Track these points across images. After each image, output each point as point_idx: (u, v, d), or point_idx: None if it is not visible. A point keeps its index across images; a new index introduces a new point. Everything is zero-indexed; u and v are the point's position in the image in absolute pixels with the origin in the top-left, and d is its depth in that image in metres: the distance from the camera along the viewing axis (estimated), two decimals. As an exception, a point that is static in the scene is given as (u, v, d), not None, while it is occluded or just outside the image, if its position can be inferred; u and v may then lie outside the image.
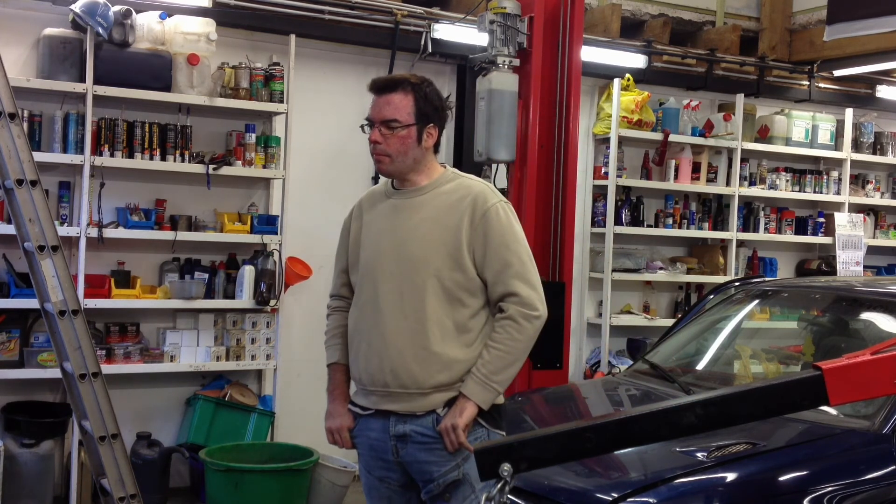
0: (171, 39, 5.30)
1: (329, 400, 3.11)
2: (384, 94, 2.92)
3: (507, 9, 5.50)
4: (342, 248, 3.10)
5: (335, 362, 3.12)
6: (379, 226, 2.96)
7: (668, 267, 7.10)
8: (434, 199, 2.93)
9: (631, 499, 3.05)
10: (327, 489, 5.40)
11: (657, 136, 6.87)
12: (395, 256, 2.89)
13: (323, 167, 6.14)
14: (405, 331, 2.85)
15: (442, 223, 2.88)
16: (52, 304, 3.72)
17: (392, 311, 2.86)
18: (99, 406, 3.80)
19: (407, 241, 2.89)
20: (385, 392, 2.89)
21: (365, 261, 2.96)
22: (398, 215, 2.94)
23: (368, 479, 3.02)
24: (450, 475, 2.86)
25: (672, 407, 2.01)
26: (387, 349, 2.86)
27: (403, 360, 2.84)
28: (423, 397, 2.86)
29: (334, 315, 3.15)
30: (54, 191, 5.23)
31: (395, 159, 2.92)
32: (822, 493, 3.10)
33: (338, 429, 3.03)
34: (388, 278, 2.89)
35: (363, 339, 2.93)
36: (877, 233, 8.13)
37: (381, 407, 2.92)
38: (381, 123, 2.91)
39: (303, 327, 6.06)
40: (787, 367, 4.66)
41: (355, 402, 3.03)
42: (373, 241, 2.96)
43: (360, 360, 2.95)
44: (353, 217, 3.08)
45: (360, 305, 2.96)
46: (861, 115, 7.93)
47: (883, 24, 5.06)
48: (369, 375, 2.91)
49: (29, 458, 5.02)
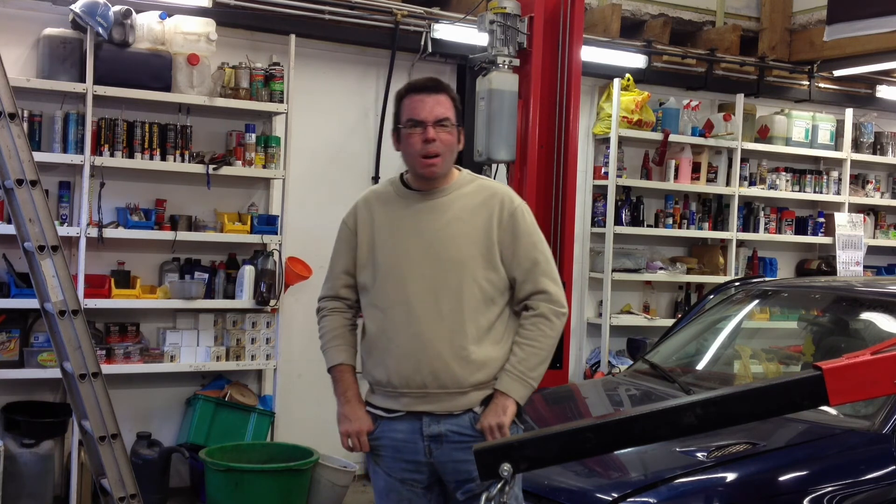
0: (171, 39, 5.30)
1: (341, 402, 3.02)
2: (434, 94, 2.90)
3: (507, 9, 5.50)
4: (345, 250, 3.05)
5: (341, 363, 3.05)
6: (400, 227, 2.94)
7: (668, 267, 7.10)
8: (458, 200, 2.94)
9: (631, 499, 3.06)
10: (327, 489, 5.40)
11: (657, 136, 6.87)
12: (425, 257, 2.88)
13: (323, 167, 6.14)
14: (442, 331, 2.84)
15: (471, 223, 2.90)
16: (52, 304, 3.73)
17: (427, 312, 2.85)
18: (99, 406, 3.80)
19: (438, 242, 2.89)
20: (422, 393, 2.86)
21: (386, 262, 2.92)
22: (424, 216, 2.93)
23: (388, 482, 2.96)
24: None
25: (672, 407, 2.01)
26: (424, 350, 2.84)
27: (443, 361, 2.84)
28: (462, 396, 2.87)
29: (332, 316, 3.10)
30: (54, 191, 5.23)
31: (446, 159, 2.92)
32: (822, 493, 3.10)
33: (357, 432, 2.96)
34: (418, 279, 2.87)
35: (391, 341, 2.89)
36: (877, 233, 8.13)
37: (414, 408, 2.88)
38: (436, 123, 2.88)
39: (303, 327, 6.05)
40: (787, 367, 4.66)
41: (376, 404, 2.97)
42: (394, 242, 2.93)
43: (388, 362, 2.90)
44: (360, 218, 3.02)
45: (383, 307, 2.92)
46: (861, 115, 7.93)
47: (883, 24, 5.06)
48: (403, 378, 2.87)
49: (29, 458, 5.02)
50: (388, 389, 2.91)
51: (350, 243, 3.02)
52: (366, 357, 2.99)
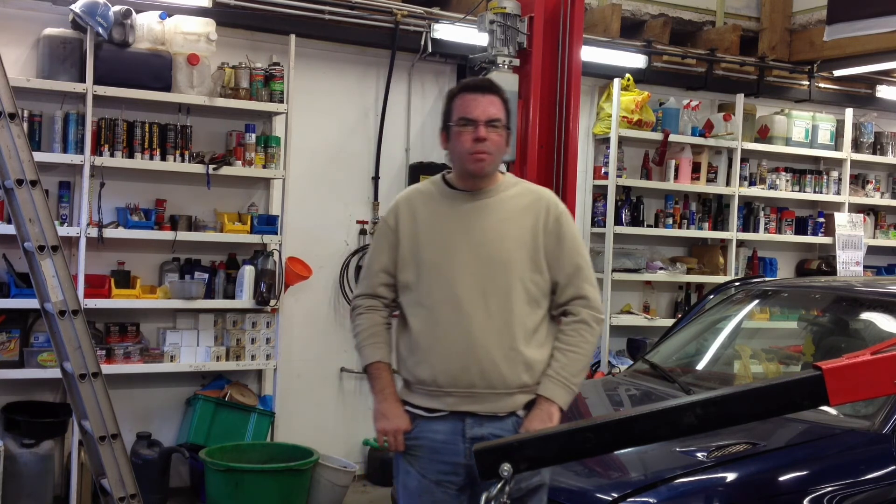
0: (171, 39, 5.30)
1: (379, 400, 2.97)
2: (487, 95, 2.91)
3: (507, 9, 5.51)
4: (384, 248, 3.00)
5: (379, 360, 3.00)
6: (447, 226, 2.93)
7: (668, 267, 7.10)
8: (505, 202, 2.95)
9: (631, 499, 3.06)
10: (327, 489, 5.40)
11: (657, 136, 6.87)
12: (473, 257, 2.88)
13: (323, 167, 6.14)
14: (491, 331, 2.84)
15: (519, 225, 2.91)
16: (52, 304, 3.72)
17: (476, 311, 2.84)
18: (99, 406, 3.80)
19: (486, 242, 2.89)
20: (469, 393, 2.85)
21: (432, 260, 2.91)
22: (471, 216, 2.93)
23: (422, 483, 2.91)
24: (533, 479, 2.87)
25: (672, 407, 2.01)
26: (474, 349, 2.83)
27: (492, 361, 2.83)
28: (508, 398, 2.86)
29: (369, 314, 3.03)
30: (54, 191, 5.23)
31: (495, 158, 2.92)
32: (822, 493, 3.10)
33: (394, 431, 2.92)
34: (468, 279, 2.86)
35: (438, 339, 2.87)
36: (877, 233, 8.13)
37: (459, 408, 2.86)
38: (487, 122, 2.88)
39: (303, 327, 6.06)
40: (787, 367, 4.66)
41: (415, 403, 2.93)
42: (441, 240, 2.92)
43: (434, 360, 2.87)
44: (401, 216, 2.99)
45: (429, 305, 2.89)
46: (861, 115, 7.93)
47: (883, 24, 5.06)
48: (450, 377, 2.85)
49: (29, 458, 5.02)
50: (432, 388, 2.88)
51: (390, 241, 2.99)
52: (407, 355, 2.95)
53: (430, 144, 6.47)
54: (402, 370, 2.97)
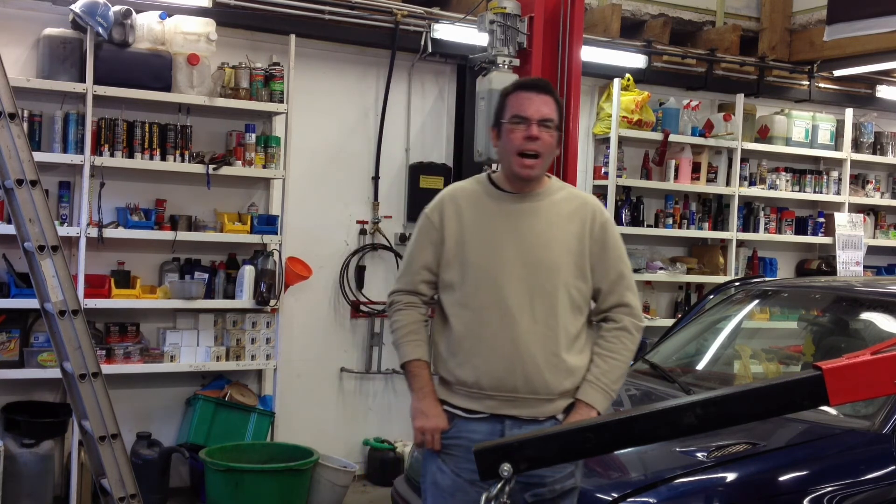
0: (171, 39, 5.30)
1: (419, 398, 2.94)
2: (542, 94, 2.91)
3: (507, 9, 5.51)
4: (427, 245, 2.97)
5: (419, 359, 2.96)
6: (494, 227, 2.91)
7: (668, 267, 7.09)
8: (553, 206, 2.94)
9: (631, 499, 3.06)
10: (327, 489, 5.40)
11: (657, 136, 6.87)
12: (521, 260, 2.87)
13: (323, 167, 6.14)
14: (537, 336, 2.84)
15: (566, 230, 2.91)
16: (52, 304, 3.72)
17: (523, 316, 2.83)
18: (99, 406, 3.80)
19: (535, 247, 2.88)
20: (511, 397, 2.84)
21: (479, 262, 2.89)
22: (519, 219, 2.91)
23: (456, 482, 2.89)
24: (566, 482, 2.89)
25: (672, 407, 2.01)
26: (519, 354, 2.83)
27: (537, 367, 2.83)
28: (550, 403, 2.87)
29: (409, 311, 3.00)
30: (54, 191, 5.23)
31: (545, 160, 2.91)
32: (822, 493, 3.10)
33: (433, 429, 2.90)
34: (515, 282, 2.85)
35: (483, 342, 2.85)
36: (877, 233, 8.13)
37: (500, 412, 2.86)
38: (540, 122, 2.88)
39: (303, 327, 6.06)
40: (787, 367, 4.66)
41: (454, 403, 2.91)
42: (488, 242, 2.90)
43: (477, 363, 2.85)
44: (446, 214, 2.95)
45: (474, 308, 2.87)
46: (861, 115, 7.92)
47: (883, 24, 5.06)
48: (494, 380, 2.84)
49: (29, 458, 5.02)
50: (474, 391, 2.87)
51: (433, 239, 2.96)
52: (448, 356, 2.92)
53: (430, 144, 6.48)
54: (441, 370, 2.95)
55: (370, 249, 6.28)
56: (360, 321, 6.30)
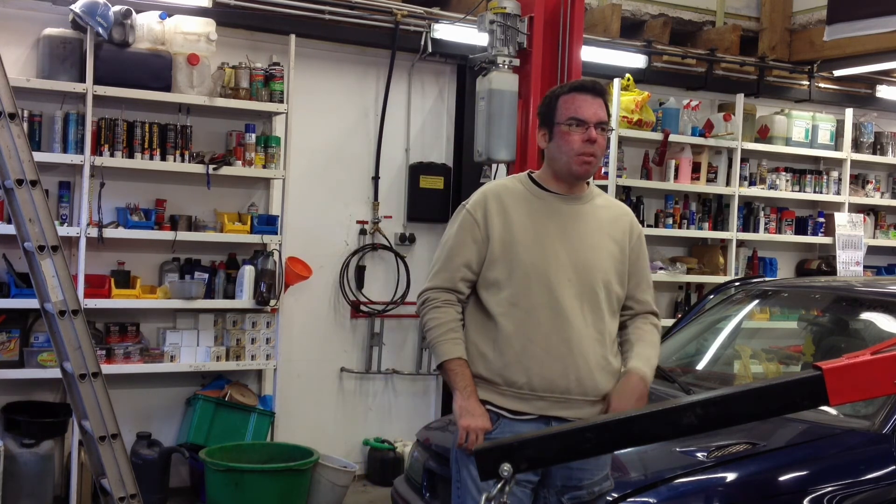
0: (171, 39, 5.30)
1: (465, 396, 2.85)
2: (598, 98, 2.94)
3: (507, 9, 5.51)
4: (470, 242, 2.91)
5: (460, 357, 2.89)
6: (544, 228, 2.91)
7: (668, 267, 7.09)
8: (596, 211, 2.98)
9: (631, 499, 3.06)
10: (327, 489, 5.40)
11: (657, 136, 6.87)
12: (572, 262, 2.88)
13: (323, 167, 6.15)
14: (588, 339, 2.86)
15: (611, 236, 2.97)
16: (52, 304, 3.72)
17: (576, 318, 2.85)
18: (99, 406, 3.79)
19: (584, 249, 2.91)
20: (563, 399, 2.85)
21: (530, 262, 2.86)
22: (568, 221, 2.93)
23: None
24: (604, 484, 2.92)
25: (672, 407, 2.01)
26: (572, 356, 2.84)
27: (589, 369, 2.85)
28: (595, 405, 2.90)
29: (447, 308, 2.91)
30: (54, 191, 5.23)
31: (599, 161, 2.96)
32: (822, 493, 3.10)
33: (479, 429, 2.83)
34: (566, 284, 2.86)
35: (535, 343, 2.83)
36: (877, 233, 8.13)
37: (549, 413, 2.85)
38: (597, 125, 2.90)
39: (303, 327, 6.07)
40: (787, 367, 4.66)
41: (499, 404, 2.87)
42: (539, 242, 2.88)
43: (529, 364, 2.83)
44: (490, 211, 2.92)
45: (526, 308, 2.84)
46: (861, 115, 7.92)
47: (883, 24, 5.06)
48: (547, 381, 2.83)
49: (29, 458, 5.02)
50: (525, 392, 2.84)
51: (476, 237, 2.92)
52: (494, 356, 2.86)
53: (430, 144, 6.48)
54: (484, 370, 2.88)
55: (370, 249, 6.28)
56: (360, 321, 6.30)
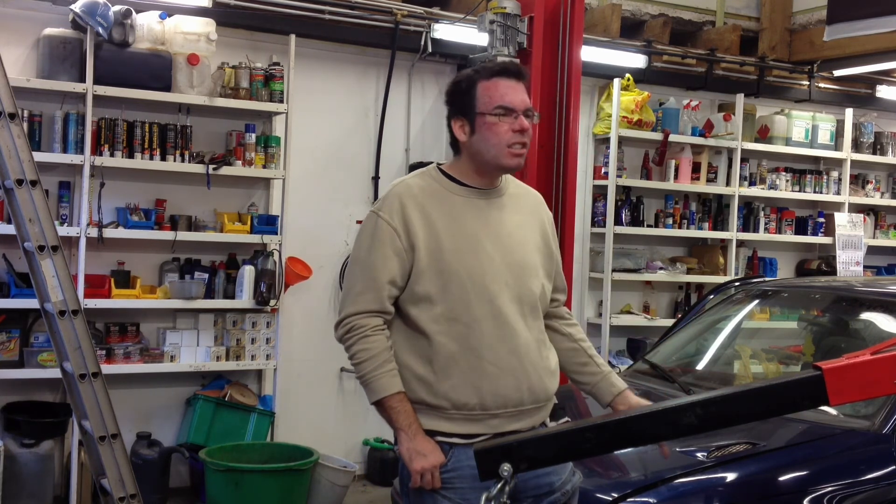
0: (171, 39, 5.30)
1: (411, 436, 2.53)
2: (521, 82, 2.66)
3: (507, 9, 5.51)
4: (392, 255, 2.56)
5: (400, 391, 2.55)
6: (471, 228, 2.61)
7: (668, 267, 7.10)
8: (513, 201, 2.72)
9: (631, 499, 3.06)
10: (327, 489, 5.40)
11: (657, 136, 6.87)
12: (506, 263, 2.61)
13: (323, 167, 6.14)
14: (532, 344, 2.64)
15: (533, 228, 2.73)
16: (52, 304, 3.72)
17: (518, 325, 2.60)
18: (99, 406, 3.79)
19: (514, 247, 2.65)
20: (516, 412, 2.61)
21: (465, 271, 2.56)
22: (491, 217, 2.65)
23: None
24: (573, 479, 2.72)
25: (672, 407, 2.01)
26: (522, 367, 2.60)
27: (539, 376, 2.64)
28: (545, 408, 2.71)
29: (377, 336, 2.56)
30: (54, 191, 5.23)
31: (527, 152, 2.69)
32: (822, 493, 3.10)
33: (432, 467, 2.53)
34: (504, 289, 2.59)
35: (483, 359, 2.55)
36: (877, 233, 8.13)
37: (503, 429, 2.58)
38: (525, 112, 2.63)
39: (303, 327, 6.06)
40: (787, 367, 4.66)
41: (449, 431, 2.57)
42: (469, 246, 2.58)
43: (480, 382, 2.55)
44: (409, 217, 2.57)
45: (467, 322, 2.55)
46: (861, 115, 7.93)
47: (883, 24, 5.06)
48: (500, 398, 2.57)
49: (29, 458, 5.02)
50: (477, 412, 2.57)
51: (397, 247, 2.56)
52: (435, 379, 2.56)
53: (430, 144, 6.48)
54: (427, 394, 2.56)
55: (370, 249, 6.27)
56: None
